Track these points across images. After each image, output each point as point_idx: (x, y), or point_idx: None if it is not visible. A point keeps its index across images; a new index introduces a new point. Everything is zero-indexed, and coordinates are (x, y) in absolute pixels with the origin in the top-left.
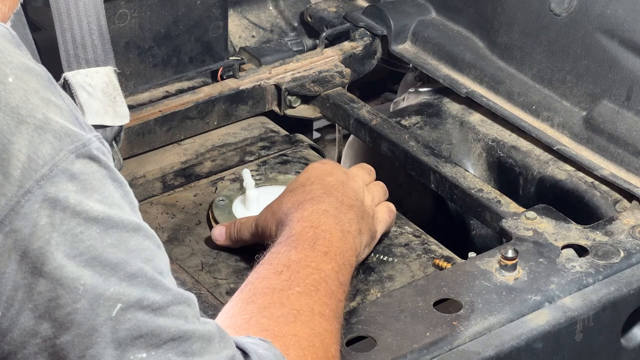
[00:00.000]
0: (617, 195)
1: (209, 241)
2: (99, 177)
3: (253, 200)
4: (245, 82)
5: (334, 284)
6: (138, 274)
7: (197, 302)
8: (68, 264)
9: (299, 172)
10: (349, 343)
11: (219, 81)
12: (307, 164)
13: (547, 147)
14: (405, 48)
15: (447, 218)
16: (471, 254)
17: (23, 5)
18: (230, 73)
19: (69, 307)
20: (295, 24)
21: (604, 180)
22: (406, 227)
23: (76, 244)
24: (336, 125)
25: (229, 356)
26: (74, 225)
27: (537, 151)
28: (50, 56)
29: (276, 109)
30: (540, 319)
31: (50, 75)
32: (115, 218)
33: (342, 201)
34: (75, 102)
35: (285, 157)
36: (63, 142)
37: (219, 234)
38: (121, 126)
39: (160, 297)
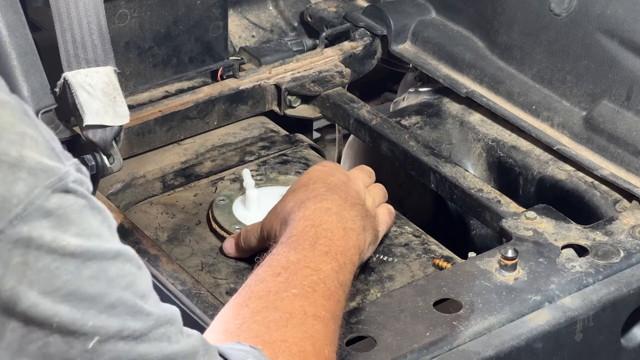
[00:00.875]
0: (617, 195)
1: (209, 241)
2: (77, 209)
3: (253, 200)
4: (245, 82)
5: (333, 284)
6: (118, 304)
7: (179, 316)
8: (42, 302)
9: (299, 172)
10: (349, 343)
11: (219, 81)
12: (307, 164)
13: (547, 147)
14: (405, 48)
15: (447, 218)
16: (471, 254)
17: (23, 5)
18: (230, 73)
19: (41, 341)
20: (295, 24)
21: (604, 180)
22: (406, 227)
23: (52, 280)
24: (336, 125)
25: None
26: (50, 261)
27: (537, 151)
28: (50, 56)
29: (276, 109)
30: (540, 319)
31: (26, 106)
32: (94, 249)
33: (345, 199)
34: (75, 102)
35: (285, 157)
36: (38, 179)
37: (229, 246)
38: (121, 126)
39: (142, 324)
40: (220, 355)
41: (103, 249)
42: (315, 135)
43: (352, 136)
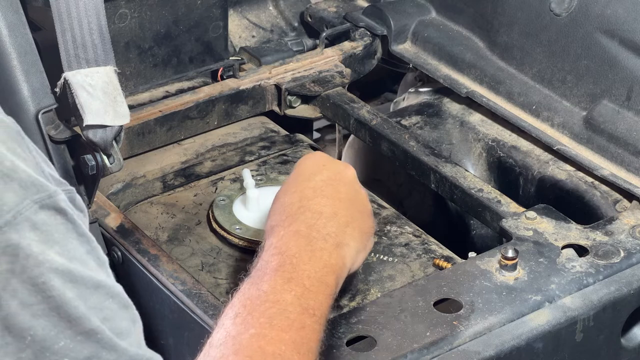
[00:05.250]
0: (617, 195)
1: (209, 241)
2: (62, 230)
3: (253, 200)
4: (245, 82)
5: (295, 311)
6: (95, 332)
7: None
8: (22, 313)
9: None
10: (349, 343)
11: (219, 81)
12: None
13: (547, 147)
14: (405, 48)
15: (447, 218)
16: (471, 254)
17: (23, 5)
18: (231, 73)
19: (14, 355)
20: (296, 24)
21: (604, 180)
22: (406, 227)
23: (37, 292)
24: (336, 125)
25: None
26: (37, 274)
27: (537, 151)
28: (51, 56)
29: (276, 109)
30: (541, 319)
31: (20, 129)
32: (76, 272)
33: (320, 213)
34: (75, 102)
35: (285, 157)
36: (28, 192)
37: None
38: (121, 126)
39: (115, 358)
40: None
41: (85, 275)
42: (315, 135)
43: (352, 136)
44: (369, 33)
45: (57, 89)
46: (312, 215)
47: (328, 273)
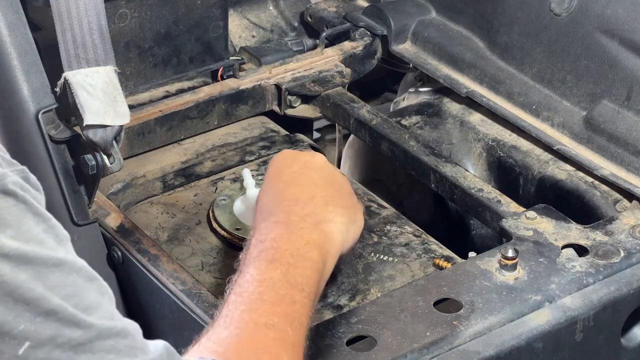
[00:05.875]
0: (617, 195)
1: (210, 241)
2: (15, 213)
3: (253, 200)
4: (245, 82)
5: (284, 287)
6: (55, 311)
7: (138, 332)
8: None
9: None
10: (349, 343)
11: (219, 81)
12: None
13: (547, 147)
14: (405, 48)
15: (447, 218)
16: (471, 254)
17: (23, 5)
18: (231, 73)
19: None
20: (296, 24)
21: (604, 180)
22: (406, 227)
23: None
24: (336, 125)
25: None
26: None
27: (537, 151)
28: (51, 56)
29: (276, 108)
30: (541, 319)
31: None
32: (31, 254)
33: (297, 199)
34: (75, 101)
35: None
36: None
37: None
38: (121, 126)
39: (81, 334)
40: None
41: (43, 255)
42: (315, 135)
43: (352, 136)
44: (369, 33)
45: (57, 89)
46: (289, 203)
47: (311, 249)
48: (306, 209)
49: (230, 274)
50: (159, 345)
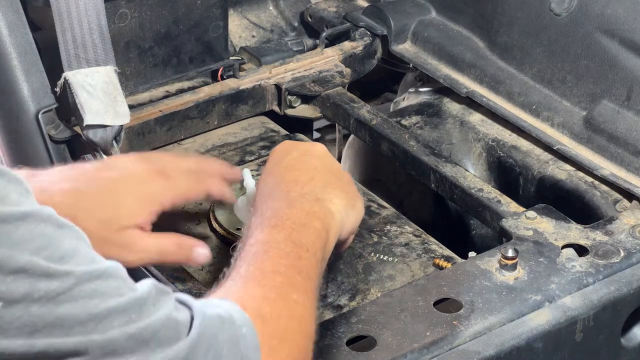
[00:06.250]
0: (617, 195)
1: (210, 241)
2: None
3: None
4: (245, 81)
5: (288, 246)
6: (24, 268)
7: (121, 271)
8: None
9: None
10: (349, 343)
11: (219, 81)
12: None
13: (547, 147)
14: (405, 48)
15: (447, 218)
16: (471, 254)
17: (23, 5)
18: (231, 73)
19: None
20: (296, 24)
21: (604, 180)
22: (406, 226)
23: None
24: (336, 125)
25: (162, 316)
26: None
27: (537, 151)
28: (51, 56)
29: (276, 108)
30: (541, 319)
31: None
32: None
33: (296, 180)
34: (75, 101)
35: None
36: None
37: None
38: (121, 126)
39: (58, 284)
40: (182, 303)
41: (4, 213)
42: (315, 135)
43: (352, 136)
44: (369, 33)
45: (57, 89)
46: (288, 184)
47: (312, 219)
48: (305, 188)
49: None
50: (145, 283)
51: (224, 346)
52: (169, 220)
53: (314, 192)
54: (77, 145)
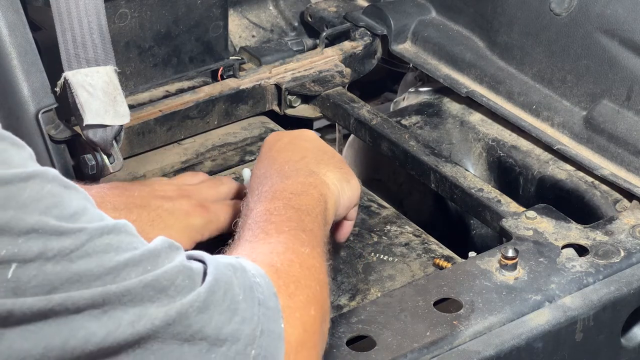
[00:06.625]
0: (617, 195)
1: (209, 241)
2: None
3: None
4: (245, 81)
5: (288, 211)
6: (35, 228)
7: (130, 227)
8: None
9: None
10: (349, 343)
11: (219, 81)
12: None
13: (547, 147)
14: (405, 48)
15: (447, 218)
16: (471, 254)
17: (23, 5)
18: (231, 73)
19: None
20: (296, 24)
21: (604, 180)
22: (406, 226)
23: None
24: (336, 125)
25: (177, 264)
26: None
27: (537, 151)
28: (51, 56)
29: (276, 108)
30: (541, 319)
31: None
32: None
33: (289, 159)
34: (75, 101)
35: None
36: None
37: None
38: (121, 126)
39: (71, 241)
40: (196, 259)
41: (9, 174)
42: None
43: (352, 136)
44: (369, 33)
45: (57, 89)
46: (281, 164)
47: (308, 188)
48: (298, 165)
49: None
50: (157, 238)
51: (239, 292)
52: None
53: (308, 167)
54: (77, 145)
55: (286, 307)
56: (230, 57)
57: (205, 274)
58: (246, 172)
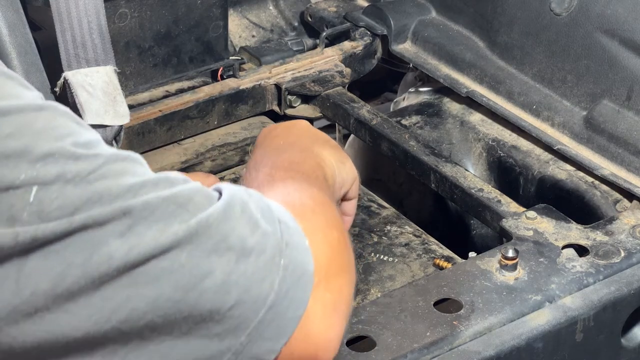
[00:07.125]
0: (617, 195)
1: None
2: None
3: None
4: (245, 81)
5: (289, 173)
6: (52, 151)
7: (142, 159)
8: None
9: None
10: (349, 343)
11: (219, 81)
12: None
13: (548, 147)
14: (405, 48)
15: (447, 218)
16: (471, 254)
17: (23, 5)
18: (231, 73)
19: None
20: (296, 24)
21: (604, 180)
22: (406, 227)
23: None
24: (336, 125)
25: (193, 185)
26: None
27: (538, 151)
28: (51, 56)
29: (276, 108)
30: (541, 319)
31: None
32: (10, 106)
33: (283, 144)
34: (75, 101)
35: None
36: None
37: None
38: (121, 126)
39: (88, 164)
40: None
41: (21, 104)
42: None
43: (352, 136)
44: (369, 33)
45: (57, 89)
46: (275, 148)
47: (306, 159)
48: (294, 145)
49: None
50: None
51: (257, 211)
52: None
53: (303, 144)
54: None
55: (306, 229)
56: (230, 57)
57: (221, 195)
58: None
